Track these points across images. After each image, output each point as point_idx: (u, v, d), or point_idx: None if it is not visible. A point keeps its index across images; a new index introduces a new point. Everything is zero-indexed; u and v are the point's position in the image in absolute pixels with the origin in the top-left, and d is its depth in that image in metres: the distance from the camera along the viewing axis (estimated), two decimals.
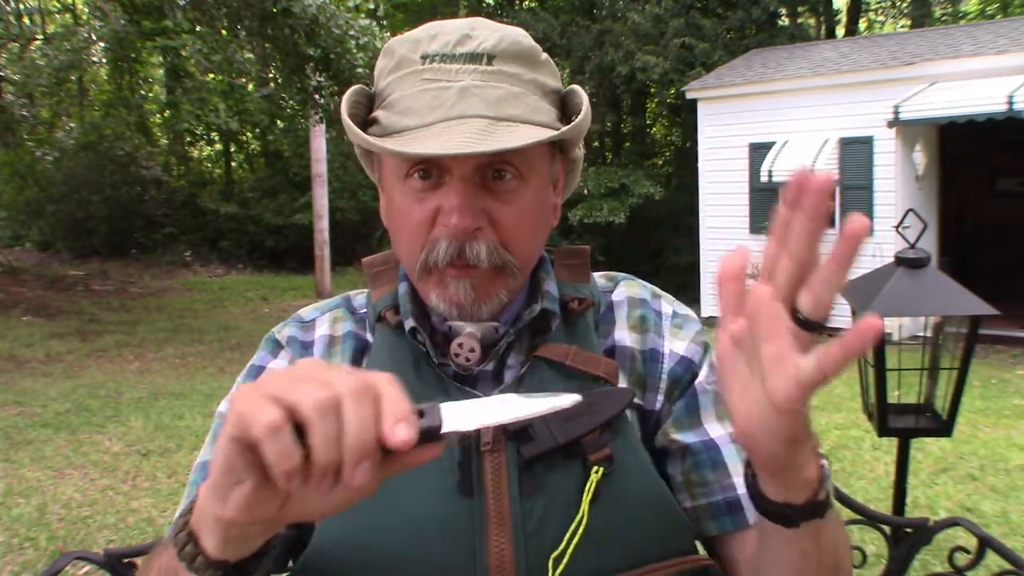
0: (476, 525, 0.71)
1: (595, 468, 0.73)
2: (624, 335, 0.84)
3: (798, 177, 0.46)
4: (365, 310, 0.86)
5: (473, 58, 0.73)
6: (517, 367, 0.79)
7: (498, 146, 0.67)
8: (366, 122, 0.78)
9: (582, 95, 0.79)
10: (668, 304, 0.88)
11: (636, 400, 0.80)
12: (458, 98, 0.71)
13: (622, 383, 0.81)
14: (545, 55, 0.79)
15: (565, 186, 0.86)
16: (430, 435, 0.49)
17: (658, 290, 0.90)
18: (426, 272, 0.75)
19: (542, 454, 0.73)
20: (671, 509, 0.77)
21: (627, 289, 0.88)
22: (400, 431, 0.45)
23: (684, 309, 0.89)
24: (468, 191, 0.72)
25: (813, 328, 0.47)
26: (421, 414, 0.49)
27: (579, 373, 0.78)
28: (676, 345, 0.84)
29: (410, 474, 0.71)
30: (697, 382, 0.82)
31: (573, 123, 0.75)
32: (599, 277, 0.90)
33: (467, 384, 0.78)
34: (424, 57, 0.74)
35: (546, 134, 0.71)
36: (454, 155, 0.68)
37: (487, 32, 0.75)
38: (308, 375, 0.47)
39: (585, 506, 0.72)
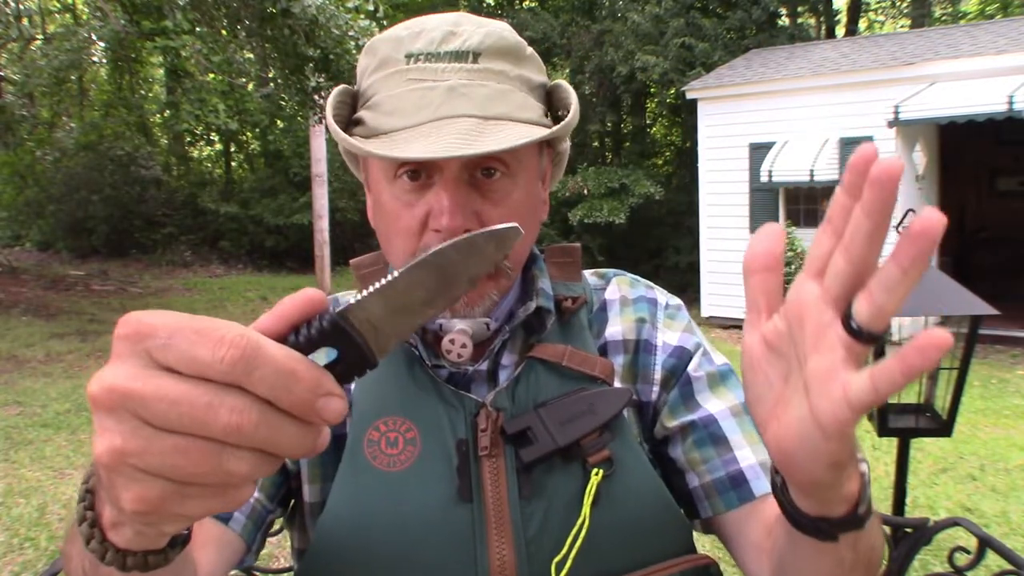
0: (476, 531, 0.70)
1: (595, 470, 0.72)
2: (617, 330, 0.84)
3: (861, 159, 0.38)
4: None
5: (459, 56, 0.72)
6: (512, 367, 0.79)
7: (489, 148, 0.66)
8: (350, 122, 0.77)
9: (569, 90, 0.78)
10: (661, 295, 0.88)
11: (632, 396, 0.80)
12: (445, 98, 0.70)
13: (618, 377, 0.80)
14: (530, 50, 0.79)
15: (552, 178, 0.86)
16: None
17: (649, 283, 0.90)
18: None
19: (541, 457, 0.72)
20: (670, 508, 0.76)
21: (619, 286, 0.88)
22: (329, 406, 0.38)
23: (675, 300, 0.89)
24: (458, 191, 0.71)
25: (869, 340, 0.40)
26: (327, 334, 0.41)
27: (575, 373, 0.77)
28: (669, 336, 0.84)
29: (411, 482, 0.72)
30: (689, 369, 0.82)
31: (564, 122, 0.74)
32: (590, 275, 0.90)
33: (461, 386, 0.77)
34: (408, 56, 0.73)
35: (536, 132, 0.70)
36: (440, 158, 0.66)
37: (472, 28, 0.74)
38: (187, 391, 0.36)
39: (586, 509, 0.71)
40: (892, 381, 0.38)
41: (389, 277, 0.42)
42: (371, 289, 0.42)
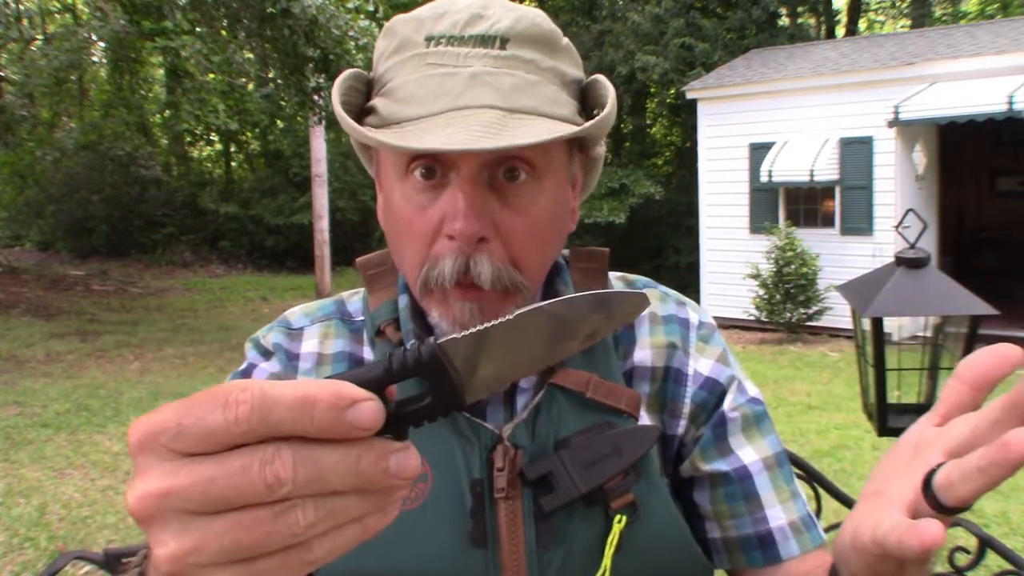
0: None
1: (618, 516, 0.67)
2: (646, 355, 0.76)
3: (992, 362, 0.44)
4: (361, 318, 0.78)
5: (484, 41, 0.64)
6: (530, 392, 0.72)
7: (509, 142, 0.58)
8: (363, 111, 0.70)
9: (607, 86, 0.69)
10: (694, 313, 0.81)
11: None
12: (467, 86, 0.63)
13: (643, 409, 0.74)
14: (566, 40, 0.71)
15: (583, 187, 0.77)
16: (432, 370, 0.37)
17: (681, 296, 0.83)
18: (427, 290, 0.67)
19: (563, 506, 0.67)
20: (694, 555, 0.72)
21: (650, 302, 0.83)
22: (360, 413, 0.34)
23: (708, 318, 0.82)
24: (475, 193, 0.63)
25: (932, 502, 0.42)
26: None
27: (599, 406, 0.70)
28: (701, 364, 0.77)
29: (421, 523, 0.67)
30: (724, 407, 0.76)
31: (597, 118, 0.66)
32: (616, 280, 0.82)
33: (476, 411, 0.71)
34: (429, 39, 0.65)
35: (565, 129, 0.62)
36: (460, 151, 0.59)
37: (501, 12, 0.66)
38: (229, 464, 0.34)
39: (607, 560, 0.66)
40: (900, 543, 0.40)
41: (506, 317, 0.39)
42: (482, 327, 0.38)
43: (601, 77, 0.71)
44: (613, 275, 0.82)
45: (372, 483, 0.34)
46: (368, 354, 0.75)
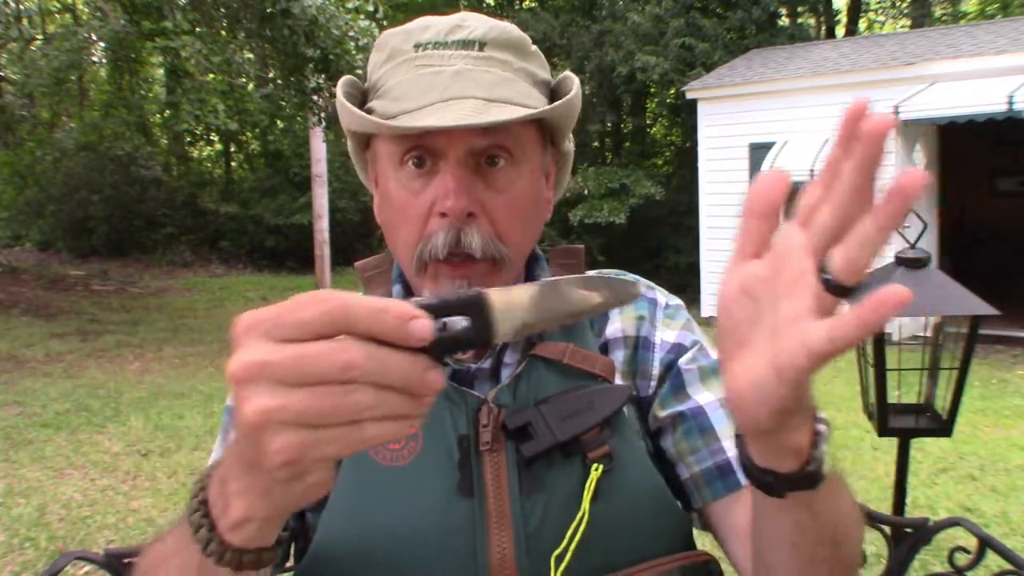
0: (477, 525, 0.71)
1: (595, 465, 0.73)
2: (617, 327, 0.85)
3: (852, 112, 0.40)
4: None
5: (465, 44, 0.75)
6: (514, 365, 0.79)
7: (494, 119, 0.69)
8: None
9: (572, 78, 0.80)
10: (661, 295, 0.89)
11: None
12: (452, 80, 0.73)
13: (618, 371, 0.81)
14: (535, 47, 0.81)
15: (557, 182, 0.88)
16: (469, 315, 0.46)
17: (649, 282, 0.91)
18: (422, 267, 0.75)
19: (542, 452, 0.73)
20: (670, 505, 0.77)
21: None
22: (417, 325, 0.43)
23: (675, 300, 0.90)
24: (462, 175, 0.72)
25: (839, 292, 0.41)
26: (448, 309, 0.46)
27: (577, 371, 0.78)
28: (667, 334, 0.85)
29: (413, 478, 0.73)
30: (680, 362, 0.83)
31: (565, 98, 0.76)
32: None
33: (464, 383, 0.78)
34: (417, 46, 0.76)
35: (539, 111, 0.73)
36: (450, 127, 0.68)
37: (477, 22, 0.77)
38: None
39: (586, 504, 0.72)
40: (847, 334, 0.39)
41: (551, 278, 0.49)
42: (531, 284, 0.48)
43: (568, 73, 0.81)
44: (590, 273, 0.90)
45: (414, 386, 0.43)
46: None
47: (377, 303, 0.43)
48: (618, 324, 0.85)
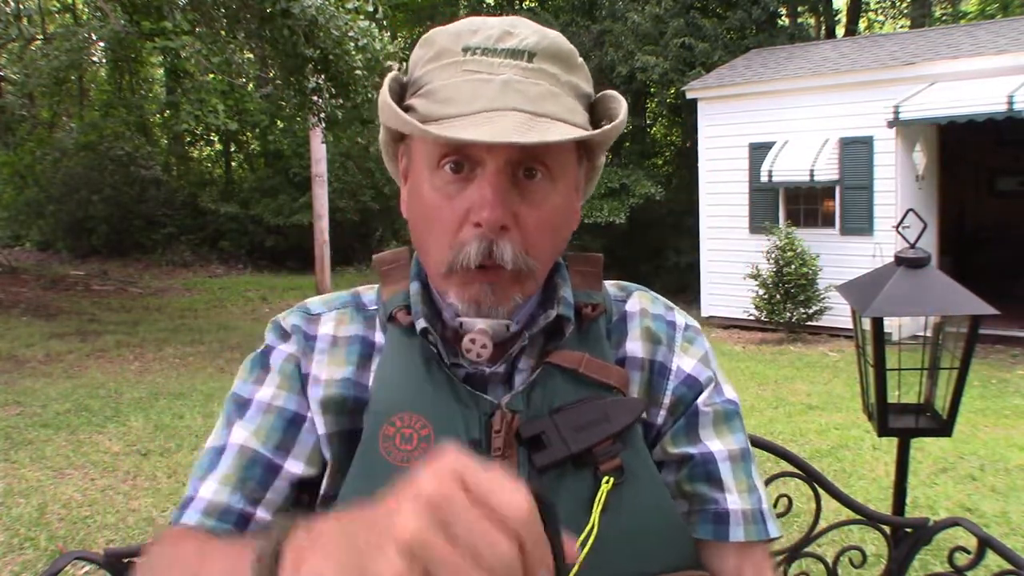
0: None
1: (606, 478, 0.73)
2: (636, 346, 0.84)
3: None
4: (375, 307, 0.86)
5: (515, 54, 0.73)
6: (528, 371, 0.79)
7: (539, 138, 0.68)
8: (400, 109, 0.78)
9: (620, 100, 0.79)
10: (680, 317, 0.88)
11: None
12: (500, 91, 0.71)
13: (632, 393, 0.81)
14: (581, 60, 0.80)
15: (584, 192, 0.87)
16: None
17: (668, 302, 0.90)
18: (450, 272, 0.75)
19: (554, 463, 0.73)
20: (678, 521, 0.78)
21: (640, 300, 0.88)
22: None
23: (694, 323, 0.89)
24: (501, 186, 0.71)
25: None
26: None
27: (591, 381, 0.78)
28: (684, 362, 0.84)
29: None
30: (698, 401, 0.82)
31: (612, 124, 0.75)
32: (610, 286, 0.90)
33: (478, 387, 0.77)
34: (466, 49, 0.74)
35: (584, 132, 0.72)
36: (500, 143, 0.68)
37: (528, 31, 0.76)
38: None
39: (596, 516, 0.72)
40: None
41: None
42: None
43: (614, 93, 0.80)
44: (608, 283, 0.90)
45: None
46: (379, 338, 0.83)
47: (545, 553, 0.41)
48: (637, 343, 0.84)
